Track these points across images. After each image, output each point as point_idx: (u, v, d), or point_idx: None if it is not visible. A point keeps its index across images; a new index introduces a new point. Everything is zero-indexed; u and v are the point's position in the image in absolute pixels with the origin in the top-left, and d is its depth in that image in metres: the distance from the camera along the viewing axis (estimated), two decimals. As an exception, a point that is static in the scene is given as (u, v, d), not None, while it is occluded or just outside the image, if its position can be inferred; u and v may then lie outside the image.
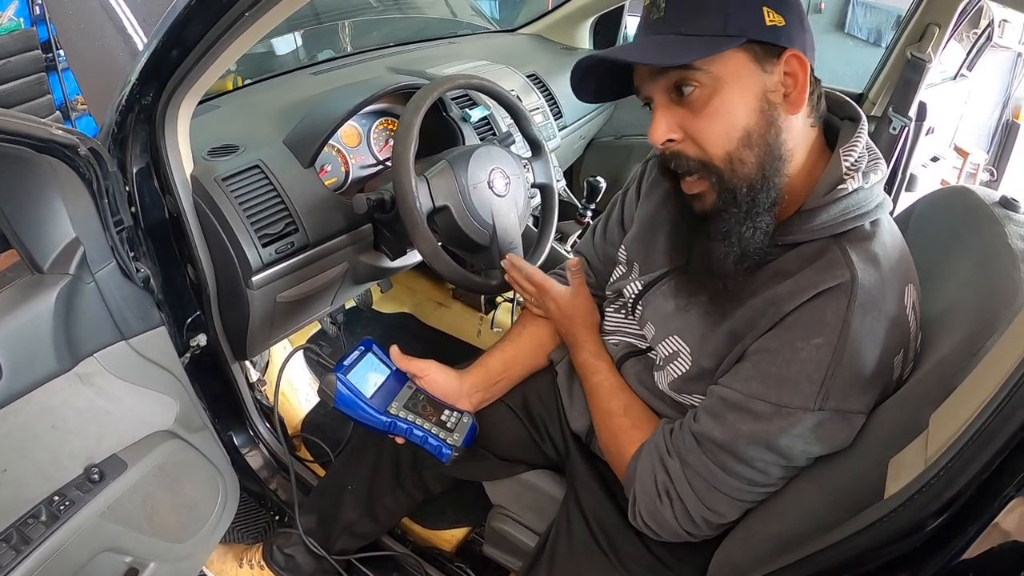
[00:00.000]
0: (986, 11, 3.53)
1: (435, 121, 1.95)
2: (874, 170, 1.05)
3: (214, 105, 1.80)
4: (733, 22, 0.94)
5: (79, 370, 1.25)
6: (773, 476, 1.04)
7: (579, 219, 2.33)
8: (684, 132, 1.01)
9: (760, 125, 0.99)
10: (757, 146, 0.99)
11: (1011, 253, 1.09)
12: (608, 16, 3.23)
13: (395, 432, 1.26)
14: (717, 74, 0.97)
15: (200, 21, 1.17)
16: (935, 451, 0.76)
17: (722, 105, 0.98)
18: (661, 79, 1.00)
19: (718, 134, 0.99)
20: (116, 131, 1.33)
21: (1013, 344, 0.77)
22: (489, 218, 1.59)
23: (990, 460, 0.70)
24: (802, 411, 0.97)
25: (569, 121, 2.72)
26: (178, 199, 1.44)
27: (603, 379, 1.31)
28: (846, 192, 1.01)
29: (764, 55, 0.97)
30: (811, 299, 0.98)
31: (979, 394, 0.75)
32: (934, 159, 3.69)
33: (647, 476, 1.14)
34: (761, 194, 1.00)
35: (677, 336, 1.16)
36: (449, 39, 2.90)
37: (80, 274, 1.24)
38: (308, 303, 1.71)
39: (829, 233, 1.02)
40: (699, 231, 1.08)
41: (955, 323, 1.02)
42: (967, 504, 0.72)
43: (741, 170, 1.00)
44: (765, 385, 1.00)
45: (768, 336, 1.01)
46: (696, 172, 1.03)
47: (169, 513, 1.46)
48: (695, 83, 0.98)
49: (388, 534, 1.78)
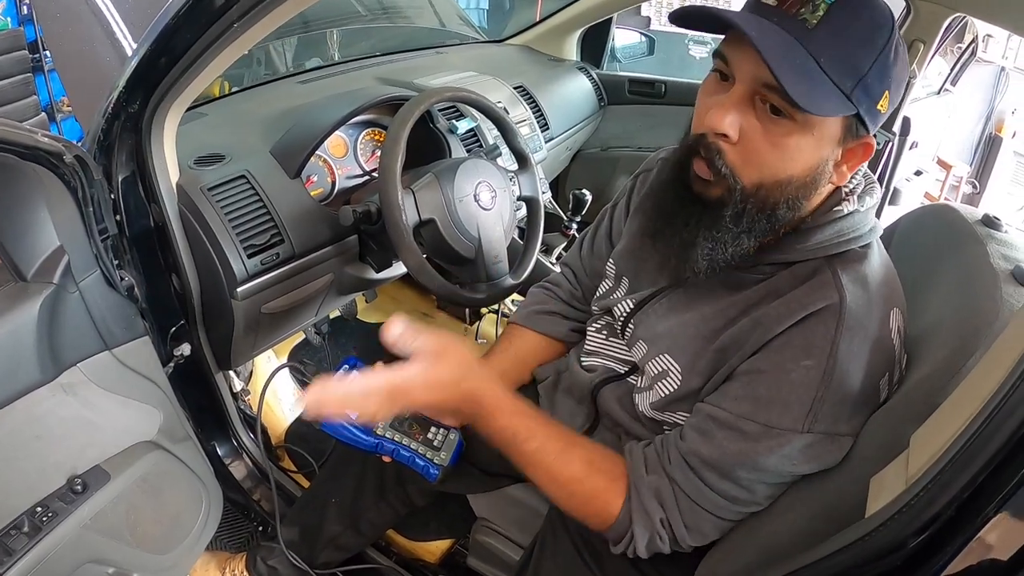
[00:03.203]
0: (970, 26, 3.57)
1: (422, 132, 1.94)
2: (870, 193, 1.07)
3: (201, 113, 1.80)
4: (860, 91, 0.90)
5: (62, 380, 1.24)
6: (759, 495, 1.05)
7: (564, 231, 2.33)
8: (740, 138, 0.95)
9: (802, 180, 0.97)
10: (786, 192, 0.98)
11: (992, 272, 1.09)
12: (596, 28, 3.25)
13: (382, 452, 1.26)
14: (812, 120, 0.92)
15: (189, 30, 1.17)
16: (916, 470, 0.77)
17: (792, 147, 0.94)
18: (763, 81, 0.91)
19: (769, 165, 0.96)
20: (102, 138, 1.33)
21: (993, 365, 0.78)
22: (475, 231, 1.59)
23: (971, 480, 0.70)
24: (791, 432, 0.97)
25: (556, 133, 2.72)
26: (163, 208, 1.44)
27: (543, 440, 1.11)
28: (842, 214, 1.02)
29: (852, 128, 0.96)
30: (800, 321, 0.98)
31: (960, 414, 0.75)
32: (917, 173, 3.72)
33: (646, 520, 1.09)
34: (761, 224, 1.00)
35: (667, 355, 1.15)
36: (437, 49, 2.91)
37: (64, 283, 1.23)
38: (293, 314, 1.70)
39: (823, 254, 1.03)
40: (686, 209, 1.05)
41: (937, 342, 1.03)
42: (948, 523, 0.73)
43: (760, 200, 0.98)
44: (755, 406, 1.00)
45: (757, 357, 1.02)
46: (722, 174, 0.98)
47: (152, 524, 1.45)
48: (789, 116, 0.92)
49: (372, 546, 1.77)
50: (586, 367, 1.36)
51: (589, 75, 3.18)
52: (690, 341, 1.12)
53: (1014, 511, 0.68)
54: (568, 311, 1.51)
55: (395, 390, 1.03)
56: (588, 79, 3.17)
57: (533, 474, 1.13)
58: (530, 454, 1.11)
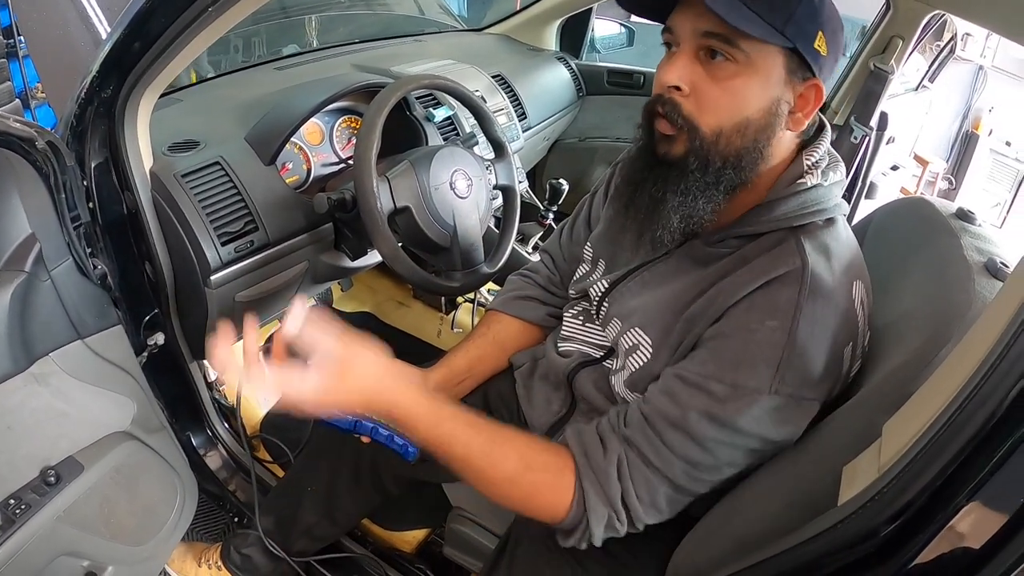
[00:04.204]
0: (950, 24, 3.59)
1: (399, 120, 1.94)
2: (834, 170, 1.11)
3: (176, 98, 1.78)
4: (792, 26, 0.96)
5: (34, 370, 1.23)
6: (720, 459, 1.04)
7: (541, 221, 2.33)
8: (692, 89, 1.02)
9: (758, 122, 1.02)
10: (746, 137, 1.02)
11: (966, 265, 1.10)
12: (576, 18, 3.25)
13: (360, 432, 1.25)
14: (753, 59, 0.98)
15: (163, 14, 1.16)
16: (888, 459, 0.78)
17: (741, 87, 1.00)
18: (701, 32, 0.99)
19: (723, 108, 1.01)
20: (75, 124, 1.32)
21: (965, 355, 0.78)
22: (450, 219, 1.59)
23: (942, 469, 0.71)
24: (758, 393, 0.98)
25: (533, 123, 2.73)
26: (137, 195, 1.43)
27: (469, 444, 1.08)
28: (805, 187, 1.06)
29: (796, 70, 1.01)
30: (764, 285, 1.01)
31: (932, 404, 0.76)
32: (894, 167, 3.75)
33: (601, 503, 1.06)
34: (727, 174, 1.03)
35: (639, 328, 1.16)
36: (415, 37, 2.90)
37: (36, 271, 1.22)
38: (267, 302, 1.70)
39: (787, 225, 1.06)
40: (654, 172, 1.09)
41: (910, 332, 1.04)
42: (919, 511, 0.73)
43: (723, 147, 1.02)
44: (721, 367, 1.01)
45: (722, 322, 1.04)
46: (680, 126, 1.03)
47: (126, 516, 1.44)
48: (730, 56, 0.98)
49: (348, 535, 1.77)
50: (562, 352, 1.36)
51: (568, 65, 3.18)
52: (660, 315, 1.14)
53: (985, 500, 0.69)
54: (546, 296, 1.52)
55: (285, 399, 1.01)
56: (567, 69, 3.17)
57: (467, 478, 1.11)
58: (459, 460, 1.08)
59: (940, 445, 0.71)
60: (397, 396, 1.06)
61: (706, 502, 1.12)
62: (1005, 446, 0.67)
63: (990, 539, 0.69)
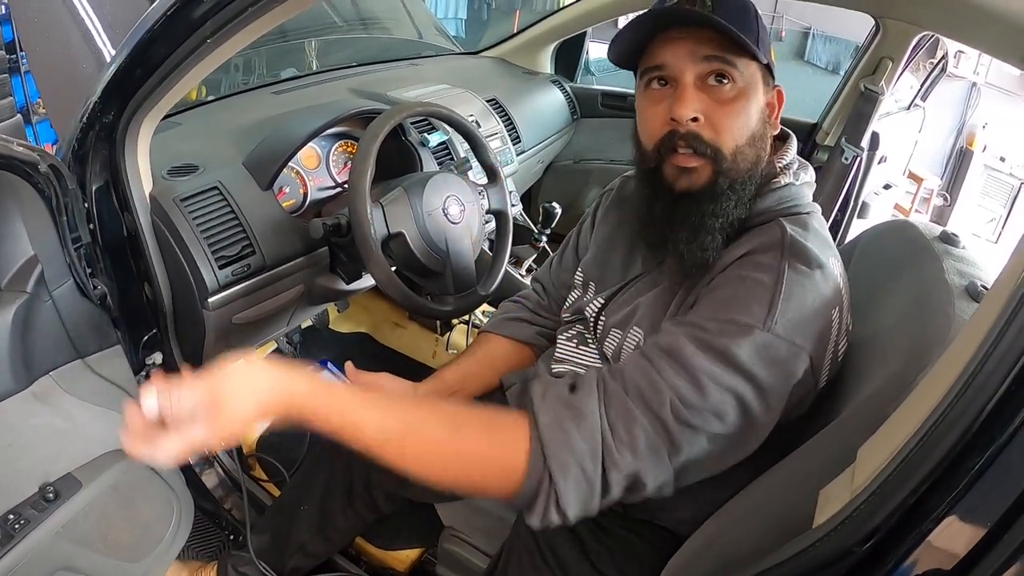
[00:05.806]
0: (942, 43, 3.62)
1: (394, 145, 1.97)
2: (804, 169, 1.21)
3: (175, 122, 1.81)
4: (762, 44, 1.07)
5: (35, 388, 1.25)
6: (709, 402, 0.97)
7: (534, 244, 2.36)
8: (705, 117, 1.08)
9: (758, 131, 1.12)
10: (754, 147, 1.11)
11: (947, 288, 1.12)
12: (571, 42, 3.29)
13: None
14: (747, 77, 1.08)
15: (164, 43, 1.19)
16: (860, 483, 0.79)
17: (745, 105, 1.08)
18: (703, 62, 1.07)
19: (736, 128, 1.08)
20: (76, 148, 1.34)
21: (938, 379, 0.80)
22: (443, 244, 1.62)
23: (912, 490, 0.72)
24: (750, 328, 0.98)
25: (528, 146, 2.75)
26: (136, 218, 1.45)
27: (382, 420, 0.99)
28: (780, 185, 1.16)
29: (766, 79, 1.13)
30: (747, 253, 1.08)
31: (905, 427, 0.77)
32: (886, 187, 3.76)
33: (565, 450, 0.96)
34: (749, 186, 1.11)
35: (637, 327, 1.20)
36: (412, 61, 2.93)
37: (38, 292, 1.24)
38: (264, 324, 1.72)
39: (766, 219, 1.13)
40: (681, 207, 1.12)
41: (889, 356, 1.06)
42: (890, 533, 0.75)
43: (741, 163, 1.10)
44: (715, 309, 1.04)
45: (711, 284, 1.09)
46: (705, 154, 1.08)
47: (123, 532, 1.46)
48: (731, 78, 1.07)
49: (343, 555, 1.78)
50: (556, 374, 1.38)
51: (562, 88, 3.22)
52: (653, 310, 1.18)
53: (957, 518, 0.70)
54: (535, 318, 1.56)
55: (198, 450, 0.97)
56: (561, 92, 3.20)
57: (397, 463, 0.99)
58: (384, 440, 0.98)
59: (911, 467, 0.72)
60: (288, 397, 0.97)
61: (694, 523, 1.15)
62: (975, 467, 0.69)
63: (963, 558, 0.70)
